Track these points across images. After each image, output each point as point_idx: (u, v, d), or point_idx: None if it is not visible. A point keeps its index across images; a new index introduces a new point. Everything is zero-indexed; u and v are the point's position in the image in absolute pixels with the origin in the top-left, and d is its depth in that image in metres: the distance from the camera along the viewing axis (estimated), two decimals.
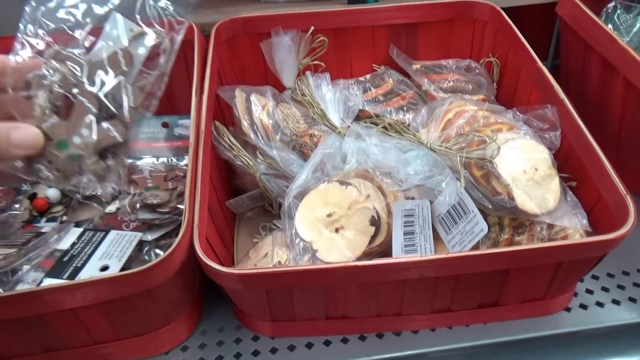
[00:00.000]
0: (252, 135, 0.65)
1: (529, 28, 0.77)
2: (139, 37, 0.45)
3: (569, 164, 0.59)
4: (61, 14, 0.45)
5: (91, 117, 0.42)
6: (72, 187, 0.44)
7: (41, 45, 0.44)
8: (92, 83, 0.43)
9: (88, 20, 0.45)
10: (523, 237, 0.55)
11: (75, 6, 0.45)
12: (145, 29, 0.45)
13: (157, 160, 0.69)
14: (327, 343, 0.56)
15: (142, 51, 0.45)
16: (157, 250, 0.59)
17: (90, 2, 0.45)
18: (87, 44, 0.44)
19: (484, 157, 0.53)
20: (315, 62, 0.73)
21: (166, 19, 0.46)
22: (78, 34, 0.44)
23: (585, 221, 0.53)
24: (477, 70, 0.77)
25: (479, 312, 0.56)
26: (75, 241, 0.59)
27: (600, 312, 0.57)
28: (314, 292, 0.52)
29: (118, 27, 0.45)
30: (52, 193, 0.67)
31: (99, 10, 0.45)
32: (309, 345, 0.56)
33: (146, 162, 0.68)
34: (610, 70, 0.69)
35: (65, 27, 0.44)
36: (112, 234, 0.59)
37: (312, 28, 0.72)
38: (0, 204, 0.64)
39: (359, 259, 0.53)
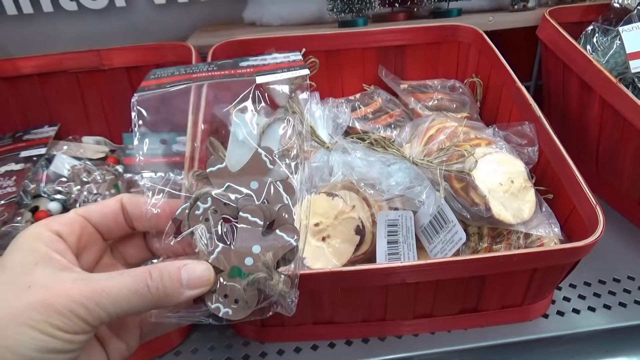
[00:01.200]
0: None
1: (515, 50, 0.81)
2: (268, 127, 0.41)
3: (546, 177, 0.62)
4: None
5: (259, 231, 0.37)
6: (253, 318, 0.38)
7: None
8: (246, 195, 0.38)
9: None
10: (501, 246, 0.57)
11: None
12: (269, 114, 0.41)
13: (155, 175, 0.72)
14: (315, 347, 0.58)
15: (275, 141, 0.41)
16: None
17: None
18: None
19: (463, 170, 0.56)
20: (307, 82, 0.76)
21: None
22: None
23: (557, 230, 0.56)
24: (461, 90, 0.81)
25: (459, 317, 0.58)
26: None
27: (576, 318, 0.59)
28: (302, 298, 0.54)
29: (243, 126, 0.41)
30: (54, 206, 0.69)
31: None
32: (297, 350, 0.58)
33: (145, 176, 0.71)
34: (588, 90, 0.72)
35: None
36: None
37: (304, 50, 0.76)
38: (2, 216, 0.66)
39: (344, 266, 0.56)
